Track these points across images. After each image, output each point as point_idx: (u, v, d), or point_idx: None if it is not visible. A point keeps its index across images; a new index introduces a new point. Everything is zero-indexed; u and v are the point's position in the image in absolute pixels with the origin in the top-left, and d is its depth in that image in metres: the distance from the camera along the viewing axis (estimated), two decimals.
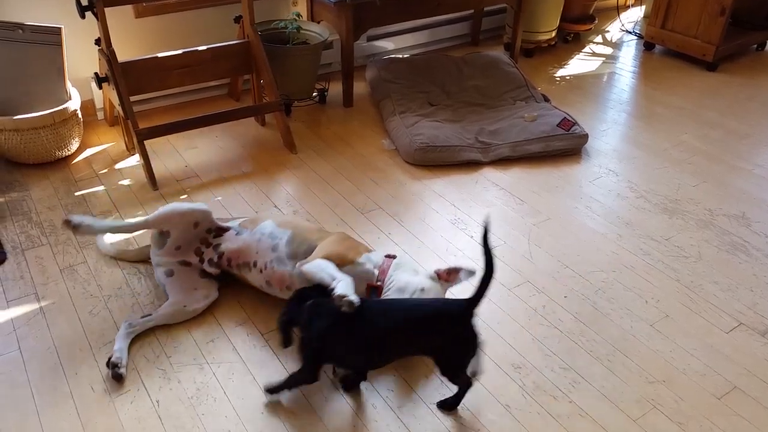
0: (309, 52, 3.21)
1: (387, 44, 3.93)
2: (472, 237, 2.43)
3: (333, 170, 2.83)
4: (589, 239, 2.44)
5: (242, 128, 3.14)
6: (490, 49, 3.83)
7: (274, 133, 3.10)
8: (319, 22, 3.37)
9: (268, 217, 2.09)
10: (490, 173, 2.85)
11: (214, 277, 2.08)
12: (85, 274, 2.17)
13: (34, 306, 2.04)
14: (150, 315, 1.96)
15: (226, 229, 2.08)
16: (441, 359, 1.66)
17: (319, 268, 1.79)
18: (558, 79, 3.82)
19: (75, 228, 1.93)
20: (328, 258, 1.84)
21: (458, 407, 1.75)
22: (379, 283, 1.87)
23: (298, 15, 3.25)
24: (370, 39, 3.86)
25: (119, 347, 1.85)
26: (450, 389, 1.78)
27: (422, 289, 1.81)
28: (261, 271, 1.98)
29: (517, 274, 2.26)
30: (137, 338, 1.93)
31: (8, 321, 1.98)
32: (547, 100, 3.38)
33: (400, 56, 3.70)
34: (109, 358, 1.82)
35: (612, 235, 2.46)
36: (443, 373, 1.70)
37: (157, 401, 1.75)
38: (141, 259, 2.23)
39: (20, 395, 1.75)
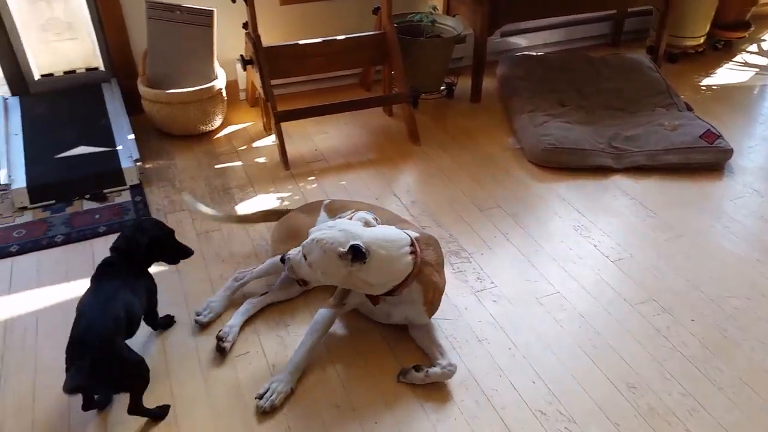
0: (441, 46, 3.22)
1: (520, 41, 3.86)
2: (595, 246, 2.35)
3: (455, 165, 2.84)
4: (724, 261, 2.28)
5: (370, 117, 3.22)
6: (631, 52, 3.65)
7: (400, 123, 3.15)
8: (454, 16, 3.37)
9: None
10: (621, 181, 2.73)
11: None
12: (219, 241, 2.33)
13: (172, 265, 2.21)
14: (266, 293, 2.07)
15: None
16: None
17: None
18: (703, 88, 3.57)
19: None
20: None
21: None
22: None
23: (434, 8, 3.27)
24: (504, 35, 3.80)
25: (232, 323, 1.95)
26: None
27: None
28: None
29: (642, 290, 2.15)
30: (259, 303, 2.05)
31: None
32: (690, 109, 3.18)
33: (534, 53, 3.62)
34: (220, 331, 1.92)
35: (751, 260, 2.29)
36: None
37: (273, 365, 1.85)
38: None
39: (153, 341, 1.92)
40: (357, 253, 1.64)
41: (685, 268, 2.25)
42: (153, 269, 1.87)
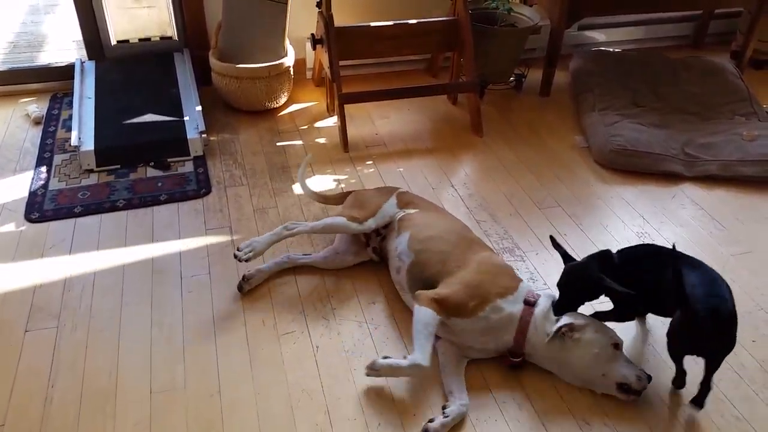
0: (515, 36, 3.14)
1: (598, 35, 3.73)
2: None
3: (516, 159, 2.77)
4: None
5: (433, 104, 3.18)
6: (713, 56, 3.48)
7: (464, 113, 3.10)
8: (531, 5, 3.28)
9: (411, 226, 2.02)
10: (690, 189, 2.61)
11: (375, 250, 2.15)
12: (274, 218, 2.36)
13: (227, 238, 2.26)
14: (309, 254, 2.15)
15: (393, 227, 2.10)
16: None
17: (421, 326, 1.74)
18: None
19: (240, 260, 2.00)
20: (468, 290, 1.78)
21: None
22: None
23: None
24: (582, 28, 3.68)
25: (262, 268, 2.06)
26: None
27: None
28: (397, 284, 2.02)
29: None
30: (308, 285, 2.07)
31: (204, 246, 2.21)
32: None
33: (611, 49, 3.49)
34: (247, 271, 2.03)
35: None
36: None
37: (317, 347, 1.87)
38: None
39: (203, 312, 1.96)
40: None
41: (751, 285, 2.14)
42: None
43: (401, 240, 2.00)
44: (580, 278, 1.78)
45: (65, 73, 3.09)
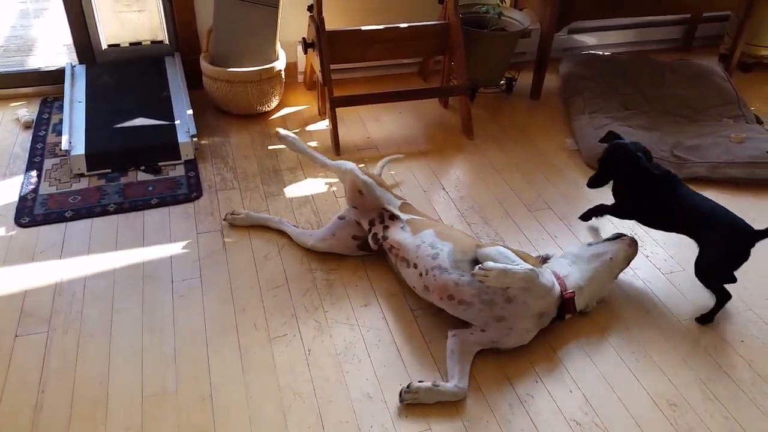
0: (505, 39, 3.16)
1: (588, 39, 3.76)
2: (647, 257, 2.28)
3: (507, 162, 2.79)
4: None
5: (425, 107, 3.19)
6: (702, 59, 3.51)
7: (455, 116, 3.11)
8: (521, 10, 3.30)
9: (430, 226, 2.02)
10: None
11: (361, 247, 2.16)
12: None
13: (218, 241, 2.26)
14: (292, 226, 2.28)
15: (397, 218, 2.08)
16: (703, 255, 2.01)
17: (500, 252, 1.81)
18: None
19: (281, 138, 2.33)
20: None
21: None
22: (570, 292, 1.87)
23: (502, 0, 3.20)
24: (572, 32, 3.71)
25: (252, 214, 2.31)
26: None
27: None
28: (420, 276, 1.91)
29: (691, 306, 2.08)
30: (300, 288, 2.07)
31: (195, 250, 2.21)
32: (759, 122, 3.04)
33: (600, 53, 3.52)
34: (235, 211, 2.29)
35: None
36: (699, 273, 2.01)
37: (309, 350, 1.87)
38: None
39: (194, 316, 1.96)
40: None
41: (739, 286, 2.15)
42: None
43: (425, 235, 1.96)
44: (622, 153, 2.06)
45: (56, 77, 3.08)
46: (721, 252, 1.97)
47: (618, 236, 2.06)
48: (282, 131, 2.34)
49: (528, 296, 1.78)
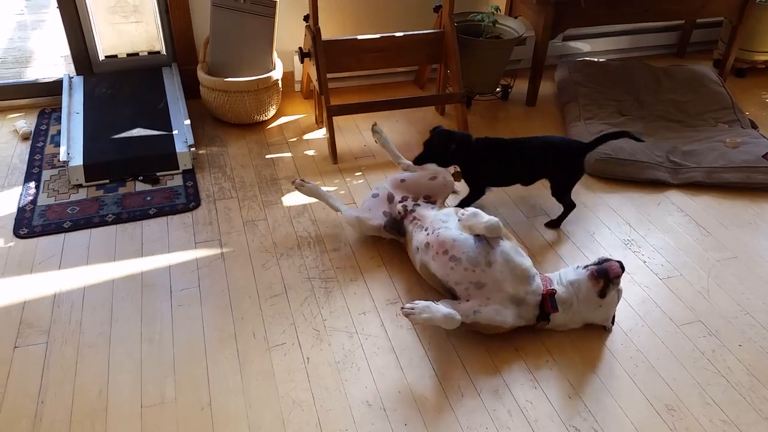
0: (501, 47, 3.18)
1: (583, 46, 3.78)
2: (644, 262, 2.28)
3: None
4: None
5: (422, 115, 3.21)
6: (696, 64, 3.53)
7: (452, 123, 3.12)
8: (516, 17, 3.32)
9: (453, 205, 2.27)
10: (675, 196, 2.65)
11: (387, 227, 2.24)
12: (264, 230, 2.37)
13: (217, 251, 2.26)
14: (342, 204, 2.37)
15: (433, 202, 2.28)
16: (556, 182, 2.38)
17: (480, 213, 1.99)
18: None
19: (299, 187, 2.36)
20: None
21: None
22: (551, 289, 1.91)
23: (497, 9, 3.22)
24: (566, 39, 3.73)
25: (316, 186, 2.36)
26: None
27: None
28: (427, 234, 2.06)
29: (690, 311, 2.08)
30: (299, 296, 2.08)
31: (193, 260, 2.22)
32: (754, 127, 3.06)
33: (595, 59, 3.53)
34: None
35: None
36: (554, 194, 2.39)
37: (308, 358, 1.87)
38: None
39: (193, 326, 1.96)
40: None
41: (737, 290, 2.17)
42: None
43: (447, 211, 2.16)
44: (446, 135, 2.32)
45: (53, 88, 3.10)
46: (568, 172, 2.37)
47: (600, 262, 1.92)
48: (298, 181, 2.38)
49: (506, 268, 1.89)
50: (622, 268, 1.87)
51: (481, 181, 2.41)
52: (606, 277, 1.85)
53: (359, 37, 2.96)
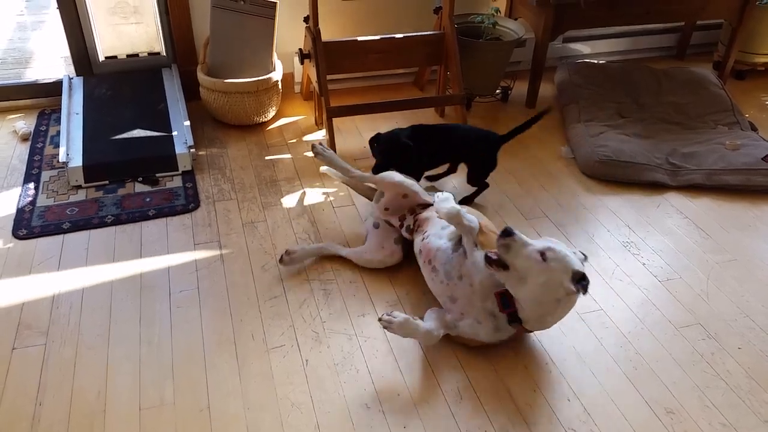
0: (500, 49, 3.18)
1: (582, 48, 3.78)
2: (644, 264, 2.28)
3: (503, 170, 2.80)
4: None
5: (421, 116, 3.20)
6: (696, 66, 3.53)
7: None
8: (516, 19, 3.32)
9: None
10: (675, 199, 2.65)
11: (403, 247, 2.22)
12: (263, 232, 2.37)
13: (216, 252, 2.26)
14: (345, 247, 2.26)
15: (430, 204, 2.17)
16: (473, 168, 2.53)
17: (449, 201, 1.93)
18: None
19: (317, 154, 2.28)
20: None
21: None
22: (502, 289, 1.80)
23: (497, 11, 3.22)
24: (566, 40, 3.73)
25: (305, 247, 2.22)
26: None
27: None
28: (423, 239, 2.05)
29: (689, 314, 2.08)
30: (298, 298, 2.08)
31: (193, 261, 2.21)
32: (754, 129, 3.06)
33: (595, 61, 3.54)
34: (289, 248, 2.18)
35: None
36: (469, 180, 2.54)
37: (306, 360, 1.87)
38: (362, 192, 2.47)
39: (191, 328, 1.96)
40: (585, 285, 1.69)
41: (736, 294, 2.17)
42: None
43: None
44: (393, 139, 2.39)
45: (53, 89, 3.09)
46: (485, 160, 2.51)
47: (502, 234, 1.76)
48: (318, 147, 2.30)
49: (474, 280, 1.83)
50: (506, 234, 1.72)
51: (419, 168, 2.49)
52: (490, 261, 1.73)
53: (359, 38, 2.96)
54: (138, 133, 2.77)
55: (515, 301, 1.76)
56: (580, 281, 1.68)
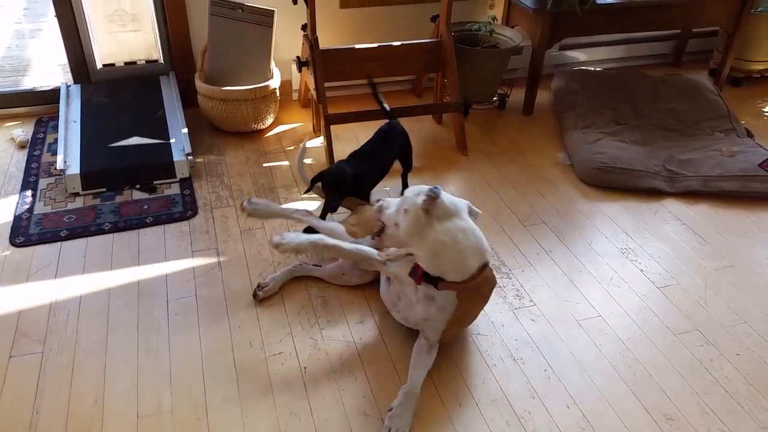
0: (497, 56, 3.19)
1: (579, 55, 3.80)
2: (641, 270, 2.29)
3: (501, 177, 2.80)
4: None
5: (419, 124, 3.21)
6: (692, 73, 3.55)
7: (449, 132, 3.13)
8: (513, 27, 3.33)
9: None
10: (672, 205, 2.65)
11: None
12: (261, 239, 2.37)
13: (214, 260, 2.26)
14: (319, 266, 2.18)
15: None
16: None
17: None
18: (767, 115, 3.44)
19: (248, 214, 2.17)
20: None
21: None
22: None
23: (494, 18, 3.24)
24: (563, 48, 3.75)
25: (275, 276, 2.13)
26: None
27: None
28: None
29: (687, 320, 2.08)
30: (296, 306, 2.07)
31: (190, 269, 2.21)
32: (750, 135, 3.07)
33: (592, 68, 3.55)
34: (262, 281, 2.11)
35: None
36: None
37: (305, 368, 1.86)
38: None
39: (190, 335, 1.95)
40: (433, 189, 1.70)
41: (734, 300, 2.17)
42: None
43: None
44: (341, 172, 2.27)
45: (51, 97, 3.10)
46: (407, 146, 2.60)
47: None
48: (246, 205, 2.17)
49: (402, 281, 1.85)
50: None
51: (370, 188, 2.46)
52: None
53: (357, 46, 2.97)
54: (136, 140, 2.77)
55: (418, 262, 1.77)
56: (428, 193, 1.71)
